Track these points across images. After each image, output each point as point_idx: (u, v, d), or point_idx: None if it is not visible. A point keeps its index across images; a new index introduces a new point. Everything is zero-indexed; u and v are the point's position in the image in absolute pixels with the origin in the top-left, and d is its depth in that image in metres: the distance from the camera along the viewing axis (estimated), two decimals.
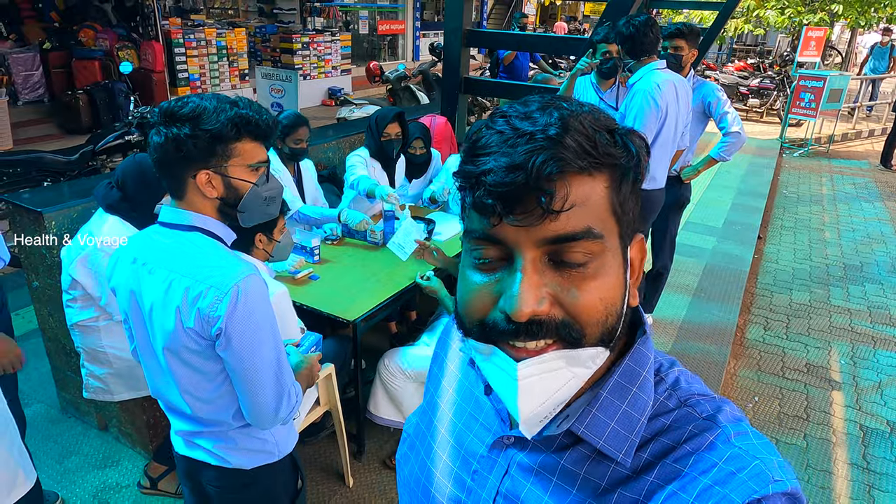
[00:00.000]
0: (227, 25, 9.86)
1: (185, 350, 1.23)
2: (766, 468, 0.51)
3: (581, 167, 0.50)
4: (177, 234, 1.24)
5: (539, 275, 0.51)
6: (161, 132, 1.19)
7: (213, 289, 1.16)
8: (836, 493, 2.71)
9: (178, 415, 1.38)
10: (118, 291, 1.32)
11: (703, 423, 0.56)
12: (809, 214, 6.47)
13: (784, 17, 11.74)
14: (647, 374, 0.59)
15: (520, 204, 0.49)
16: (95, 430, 2.71)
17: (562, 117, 0.50)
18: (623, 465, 0.57)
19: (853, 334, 4.08)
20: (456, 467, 0.68)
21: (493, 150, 0.50)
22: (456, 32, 4.23)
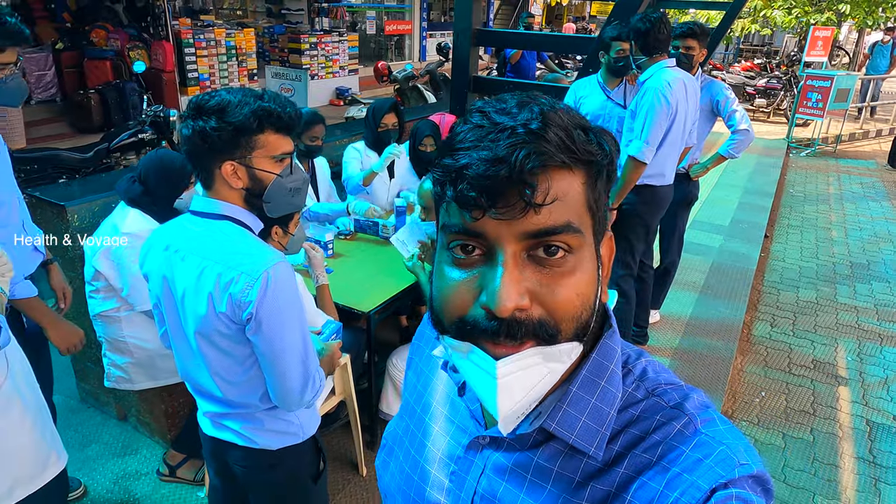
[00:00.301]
0: (236, 26, 9.95)
1: (217, 334, 1.28)
2: (731, 453, 0.52)
3: (562, 162, 0.50)
4: (208, 223, 1.29)
5: (519, 269, 0.51)
6: (189, 125, 1.24)
7: (245, 275, 1.21)
8: (843, 486, 2.74)
9: (206, 397, 1.43)
10: (150, 277, 1.37)
11: (671, 412, 0.57)
12: (816, 213, 6.48)
13: (791, 16, 11.73)
14: (614, 368, 0.60)
15: (502, 197, 0.49)
16: (114, 420, 2.77)
17: (542, 112, 0.51)
18: (595, 459, 0.58)
19: (860, 331, 4.11)
20: (434, 470, 0.69)
21: (473, 145, 0.50)
22: (465, 32, 4.28)
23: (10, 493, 1.51)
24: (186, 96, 8.71)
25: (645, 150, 2.79)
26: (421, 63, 13.70)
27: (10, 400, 1.51)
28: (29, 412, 1.56)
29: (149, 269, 1.37)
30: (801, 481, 2.76)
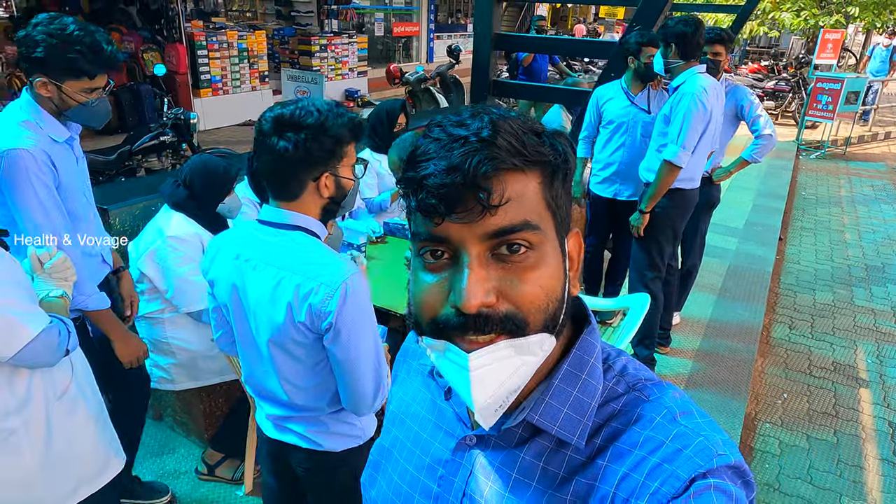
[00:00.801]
0: (247, 28, 10.00)
1: (291, 342, 1.31)
2: (709, 444, 0.54)
3: (514, 165, 0.54)
4: (280, 233, 1.32)
5: (484, 269, 0.54)
6: (290, 139, 1.24)
7: (324, 286, 1.24)
8: (869, 488, 2.77)
9: (270, 401, 1.46)
10: (217, 283, 1.40)
11: (651, 406, 0.59)
12: (829, 216, 6.51)
13: (800, 19, 11.75)
14: (594, 362, 0.62)
15: (460, 202, 0.52)
16: (150, 420, 2.80)
17: (492, 121, 0.54)
18: (578, 451, 0.60)
19: (878, 334, 4.13)
20: (423, 477, 0.70)
21: (432, 156, 0.54)
22: (485, 36, 4.32)
23: (74, 493, 1.55)
24: (199, 98, 8.77)
25: (681, 155, 2.82)
26: (429, 65, 13.75)
27: (75, 403, 1.55)
28: (92, 415, 1.60)
29: (216, 276, 1.40)
30: (827, 482, 2.80)
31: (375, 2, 14.14)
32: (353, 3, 12.81)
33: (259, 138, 1.28)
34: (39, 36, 1.57)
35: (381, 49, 14.29)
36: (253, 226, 1.38)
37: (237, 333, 1.43)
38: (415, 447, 0.73)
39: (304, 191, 1.32)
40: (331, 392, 1.40)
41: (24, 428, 1.41)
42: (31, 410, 1.43)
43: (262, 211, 1.36)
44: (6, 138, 1.61)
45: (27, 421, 1.42)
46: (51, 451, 1.47)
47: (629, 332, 2.49)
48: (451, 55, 9.26)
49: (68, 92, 1.66)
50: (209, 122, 8.66)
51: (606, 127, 3.45)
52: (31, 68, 1.63)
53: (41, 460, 1.45)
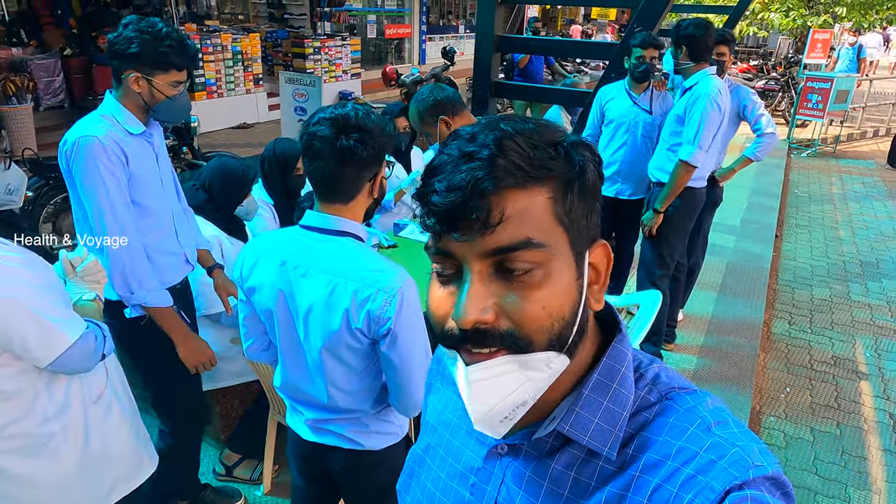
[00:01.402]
0: (241, 31, 9.99)
1: (345, 348, 1.32)
2: (745, 455, 0.53)
3: (515, 182, 0.53)
4: (329, 239, 1.32)
5: (484, 285, 0.54)
6: (357, 139, 1.26)
7: (382, 292, 1.25)
8: (873, 478, 2.84)
9: (309, 405, 1.47)
10: (260, 290, 1.38)
11: (685, 415, 0.58)
12: (822, 213, 6.61)
13: (788, 19, 11.91)
14: (625, 371, 0.61)
15: (460, 220, 0.53)
16: None
17: (496, 138, 0.54)
18: (609, 462, 0.59)
19: (875, 328, 4.22)
20: (455, 485, 0.70)
21: (442, 173, 0.54)
22: (488, 38, 4.36)
23: (110, 492, 1.57)
24: (194, 101, 8.74)
25: (697, 155, 2.88)
26: (422, 66, 13.79)
27: (109, 407, 1.56)
28: (126, 417, 1.62)
29: (259, 282, 1.38)
30: (832, 473, 2.86)
31: (367, 4, 14.15)
32: (346, 6, 12.82)
33: (317, 143, 1.27)
34: (133, 33, 1.64)
35: (373, 51, 14.31)
36: (296, 231, 1.37)
37: (279, 340, 1.42)
38: (447, 455, 0.73)
39: (361, 192, 1.33)
40: (375, 393, 1.42)
41: (62, 433, 1.43)
42: (70, 416, 1.45)
43: (306, 216, 1.36)
44: (83, 127, 1.67)
45: (66, 426, 1.44)
46: (87, 454, 1.49)
47: (642, 329, 2.54)
48: (445, 57, 9.30)
49: (158, 85, 1.72)
50: (204, 125, 8.62)
51: (608, 126, 3.50)
52: (123, 65, 1.68)
53: (78, 463, 1.47)
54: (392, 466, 1.52)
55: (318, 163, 1.29)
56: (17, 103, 6.77)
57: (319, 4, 12.18)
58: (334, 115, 1.27)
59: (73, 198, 1.76)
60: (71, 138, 1.65)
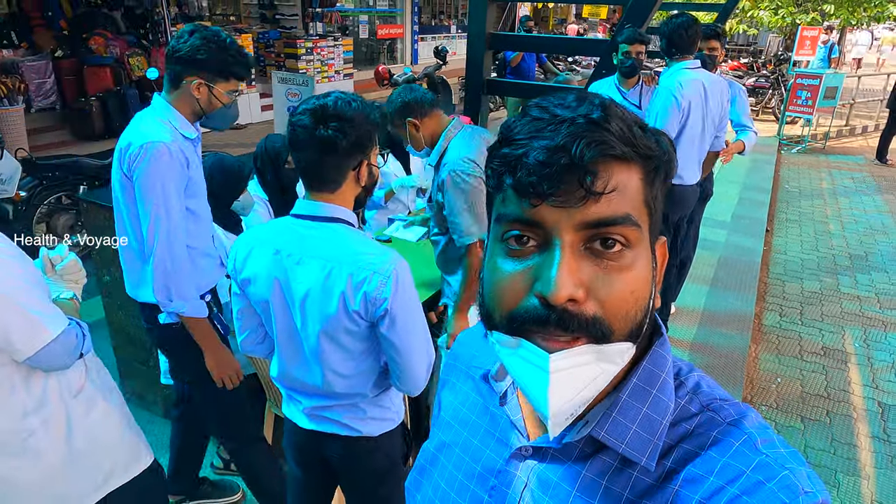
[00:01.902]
0: (233, 31, 9.99)
1: (343, 332, 1.34)
2: (795, 479, 0.50)
3: (623, 153, 0.50)
4: (321, 226, 1.35)
5: (576, 260, 0.51)
6: (336, 128, 1.28)
7: (377, 274, 1.28)
8: (862, 464, 2.89)
9: (306, 393, 1.49)
10: (255, 281, 1.40)
11: (728, 429, 0.55)
12: (812, 208, 6.69)
13: (777, 17, 12.02)
14: (666, 377, 0.58)
15: (562, 184, 0.49)
16: (161, 418, 2.83)
17: (603, 104, 0.51)
18: (646, 473, 0.55)
19: (864, 319, 4.28)
20: (473, 485, 0.67)
21: (533, 135, 0.51)
22: (479, 36, 4.39)
23: (104, 483, 1.54)
24: None
25: None
26: (414, 66, 13.81)
27: (92, 400, 1.51)
28: (114, 410, 1.58)
29: (253, 273, 1.40)
30: (822, 460, 2.90)
31: (359, 4, 14.17)
32: (338, 6, 12.83)
33: (299, 133, 1.30)
34: (199, 41, 1.67)
35: (365, 51, 14.32)
36: (288, 221, 1.39)
37: (276, 329, 1.44)
38: (464, 454, 0.69)
39: (346, 180, 1.36)
40: (374, 377, 1.45)
41: (43, 428, 1.39)
42: (50, 410, 1.41)
43: (297, 205, 1.38)
44: (148, 132, 1.68)
45: (46, 420, 1.40)
46: (72, 448, 1.45)
47: None
48: (438, 56, 9.33)
49: (217, 93, 1.76)
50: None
51: None
52: (186, 70, 1.71)
53: (63, 457, 1.43)
54: (389, 453, 1.54)
55: (300, 153, 1.32)
56: (8, 105, 6.75)
57: (311, 5, 12.19)
58: (314, 105, 1.29)
59: (123, 200, 1.75)
60: (137, 142, 1.65)
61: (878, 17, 12.31)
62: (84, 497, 1.51)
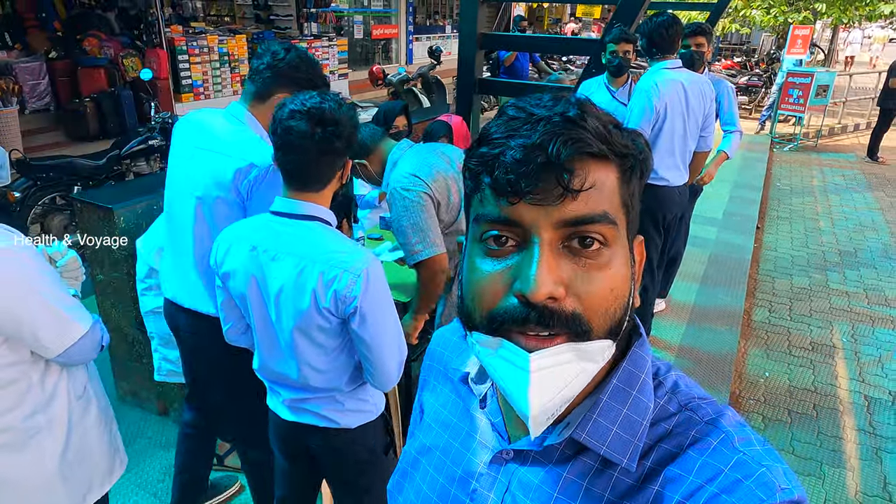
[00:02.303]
0: (227, 32, 10.00)
1: (316, 328, 1.38)
2: (772, 476, 0.51)
3: (599, 150, 0.51)
4: (296, 223, 1.37)
5: (555, 258, 0.51)
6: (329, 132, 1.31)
7: (347, 273, 1.31)
8: (847, 456, 2.93)
9: (286, 386, 1.52)
10: (234, 276, 1.43)
11: (706, 428, 0.56)
12: (803, 205, 6.75)
13: (770, 16, 12.09)
14: (645, 378, 0.59)
15: (539, 182, 0.49)
16: (155, 416, 2.86)
17: (579, 103, 0.52)
18: (627, 474, 0.56)
19: (852, 314, 4.33)
20: (454, 489, 0.67)
21: (510, 134, 0.51)
22: (471, 36, 4.43)
23: (85, 496, 1.49)
24: (181, 103, 8.75)
25: None
26: (410, 66, 13.85)
27: (90, 402, 1.51)
28: (102, 415, 1.56)
29: (232, 268, 1.43)
30: (808, 452, 2.95)
31: (354, 5, 14.19)
32: (332, 7, 12.86)
33: (294, 137, 1.31)
34: (297, 59, 1.69)
35: (360, 51, 14.34)
36: (265, 218, 1.42)
37: (254, 324, 1.47)
38: (445, 457, 0.70)
39: (331, 180, 1.39)
40: (349, 372, 1.48)
41: (48, 427, 1.38)
42: (55, 409, 1.40)
43: (275, 203, 1.41)
44: (262, 153, 1.65)
45: (51, 419, 1.39)
46: (68, 451, 1.43)
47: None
48: (432, 56, 9.37)
49: None
50: None
51: None
52: (280, 85, 1.71)
53: (59, 461, 1.42)
54: (369, 444, 1.58)
55: (293, 155, 1.33)
56: (2, 106, 6.77)
57: (306, 5, 12.21)
58: (308, 108, 1.31)
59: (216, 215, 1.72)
60: (262, 165, 1.65)
61: (869, 16, 12.39)
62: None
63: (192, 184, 1.74)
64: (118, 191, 2.75)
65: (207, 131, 1.77)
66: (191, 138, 1.80)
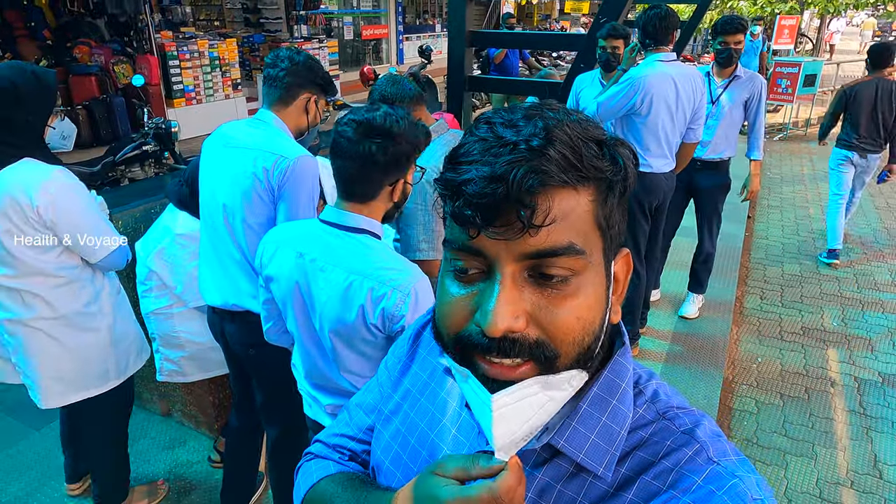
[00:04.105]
0: (218, 37, 10.02)
1: (361, 341, 1.38)
2: (745, 486, 0.52)
3: (565, 181, 0.49)
4: (347, 235, 1.37)
5: (517, 290, 0.50)
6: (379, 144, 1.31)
7: (396, 291, 1.30)
8: (838, 436, 3.00)
9: (328, 391, 1.53)
10: (278, 279, 1.45)
11: (682, 438, 0.56)
12: (793, 194, 6.82)
13: (756, 7, 12.17)
14: (626, 387, 0.59)
15: (500, 216, 0.48)
16: (158, 417, 2.90)
17: (546, 127, 0.49)
18: (602, 481, 0.57)
19: (842, 299, 4.40)
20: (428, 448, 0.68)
21: (475, 159, 0.49)
22: (460, 34, 4.47)
23: (126, 368, 2.08)
24: (173, 108, 8.77)
25: (594, 112, 3.00)
26: (400, 66, 13.88)
27: (124, 300, 2.09)
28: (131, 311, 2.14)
29: (276, 272, 1.44)
30: (800, 434, 3.01)
31: (343, 6, 14.22)
32: (322, 8, 12.88)
33: (342, 143, 1.32)
34: (310, 60, 1.81)
35: (350, 52, 14.37)
36: (314, 224, 1.42)
37: (297, 330, 1.48)
38: (421, 447, 0.70)
39: (380, 194, 1.38)
40: None
41: (100, 312, 1.96)
42: (103, 301, 1.96)
43: (325, 212, 1.41)
44: (291, 147, 1.77)
45: (101, 308, 1.96)
46: (114, 331, 2.01)
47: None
48: (422, 55, 9.41)
49: (320, 108, 1.90)
50: (184, 131, 8.63)
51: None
52: (302, 86, 1.83)
53: (110, 336, 1.99)
54: None
55: (340, 161, 1.34)
56: None
57: (295, 7, 12.23)
58: (363, 117, 1.31)
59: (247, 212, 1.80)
60: (290, 156, 1.73)
61: (856, 4, 12.49)
62: (110, 377, 2.04)
63: (222, 186, 1.82)
64: (115, 196, 2.79)
65: (235, 133, 1.86)
66: (219, 140, 1.88)
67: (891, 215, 6.06)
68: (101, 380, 2.01)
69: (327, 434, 0.89)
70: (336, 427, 0.88)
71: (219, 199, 1.83)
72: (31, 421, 2.84)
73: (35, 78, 1.76)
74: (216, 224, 1.87)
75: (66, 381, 1.95)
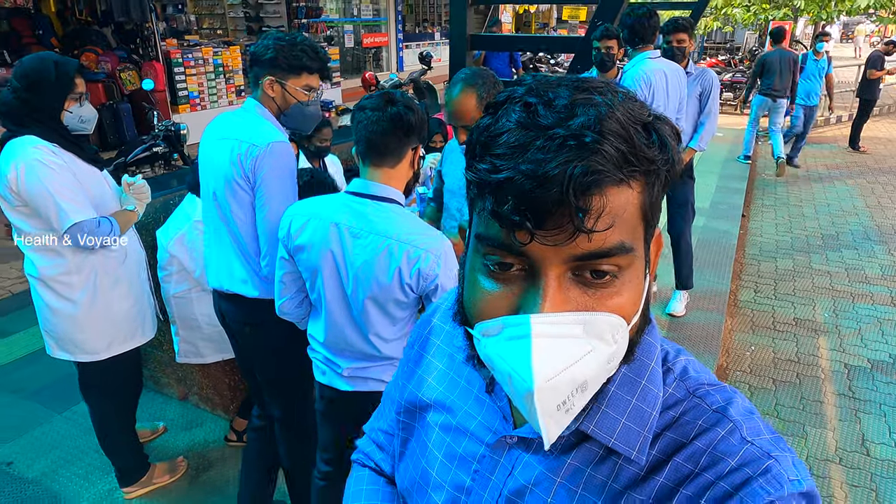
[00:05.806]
0: (221, 44, 10.20)
1: (393, 302, 1.52)
2: (781, 468, 0.50)
3: (620, 178, 0.46)
4: (376, 204, 1.51)
5: (563, 292, 0.48)
6: (404, 108, 1.49)
7: (429, 252, 1.46)
8: (828, 417, 3.12)
9: (349, 356, 1.65)
10: (308, 249, 1.56)
11: (714, 416, 0.54)
12: (788, 194, 6.96)
13: (750, 13, 12.38)
14: (654, 365, 0.57)
15: (550, 219, 0.44)
16: (175, 401, 3.02)
17: (599, 116, 0.45)
18: (634, 464, 0.55)
19: (834, 292, 4.53)
20: (454, 466, 0.65)
21: (517, 152, 0.45)
22: (461, 38, 4.63)
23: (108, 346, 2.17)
24: (178, 114, 8.92)
25: None
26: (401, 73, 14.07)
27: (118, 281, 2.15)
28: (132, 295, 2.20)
29: (308, 241, 1.55)
30: (791, 415, 3.13)
31: (344, 14, 14.43)
32: (323, 17, 13.09)
33: (369, 113, 1.48)
34: (270, 42, 1.80)
35: (351, 60, 14.57)
36: (344, 197, 1.56)
37: (325, 295, 1.59)
38: (445, 433, 0.68)
39: (405, 157, 1.54)
40: None
41: (79, 286, 2.06)
42: (85, 275, 2.05)
43: (352, 184, 1.56)
44: (267, 132, 1.77)
45: (84, 282, 2.06)
46: (95, 308, 2.09)
47: None
48: (423, 62, 9.58)
49: (290, 90, 1.82)
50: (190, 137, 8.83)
51: None
52: (260, 70, 1.81)
53: (87, 311, 2.08)
54: None
55: (369, 129, 1.48)
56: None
57: (297, 16, 12.44)
58: (381, 92, 1.51)
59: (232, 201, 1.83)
60: (261, 143, 1.74)
61: (849, 11, 12.70)
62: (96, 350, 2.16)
63: (212, 177, 1.89)
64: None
65: (223, 124, 1.94)
66: (211, 132, 1.96)
67: (881, 213, 6.20)
68: (75, 348, 2.13)
69: (370, 426, 0.94)
70: (374, 419, 0.93)
71: (210, 188, 1.90)
72: (53, 405, 2.96)
73: (54, 66, 1.96)
74: (212, 213, 1.94)
75: (54, 338, 2.14)
